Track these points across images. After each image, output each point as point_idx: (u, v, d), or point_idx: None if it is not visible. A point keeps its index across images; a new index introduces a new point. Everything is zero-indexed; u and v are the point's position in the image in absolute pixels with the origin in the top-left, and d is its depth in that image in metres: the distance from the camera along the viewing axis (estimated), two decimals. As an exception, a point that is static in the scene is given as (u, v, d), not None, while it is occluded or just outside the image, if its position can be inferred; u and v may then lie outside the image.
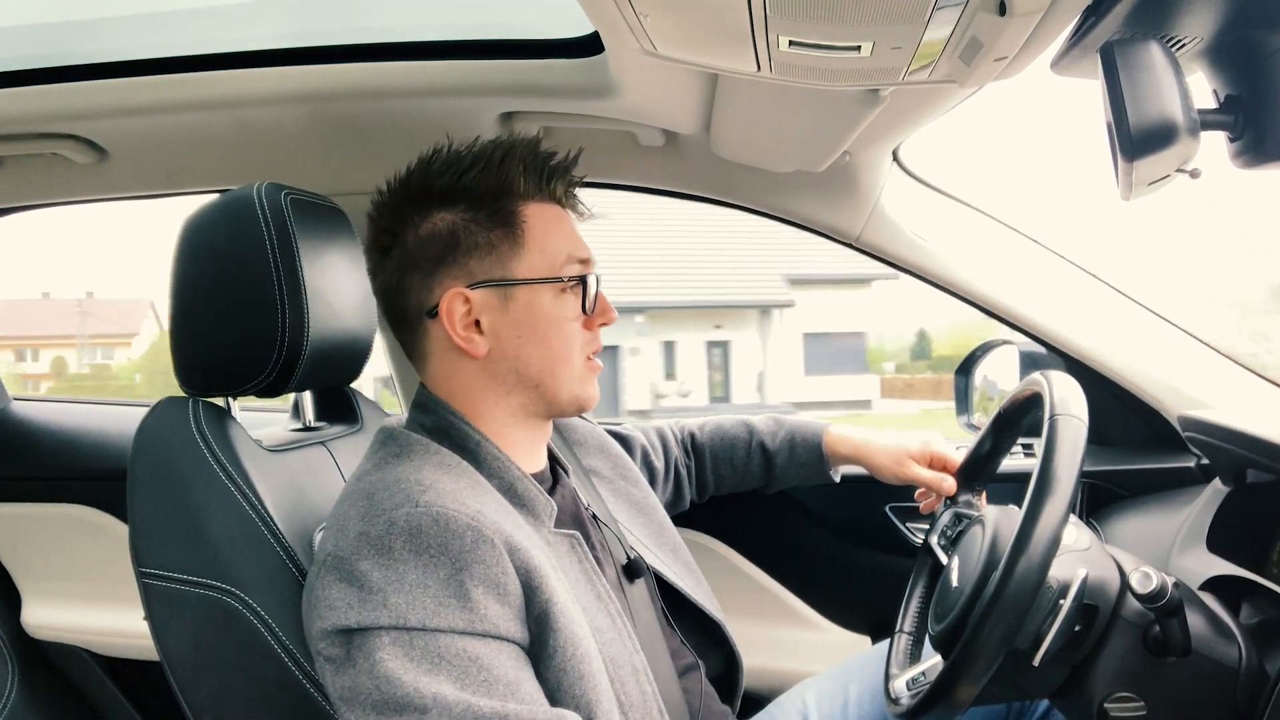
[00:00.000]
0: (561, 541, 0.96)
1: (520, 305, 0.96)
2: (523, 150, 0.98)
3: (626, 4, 0.79)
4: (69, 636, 1.79)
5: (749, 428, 1.39)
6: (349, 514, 0.87)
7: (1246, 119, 0.75)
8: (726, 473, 1.40)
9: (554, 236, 0.98)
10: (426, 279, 0.97)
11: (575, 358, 0.99)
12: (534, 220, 0.97)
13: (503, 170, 0.97)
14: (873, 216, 1.48)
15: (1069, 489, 0.85)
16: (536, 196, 0.98)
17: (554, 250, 0.98)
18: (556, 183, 1.00)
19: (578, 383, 0.99)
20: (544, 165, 0.99)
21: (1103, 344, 1.46)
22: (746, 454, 1.38)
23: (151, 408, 1.04)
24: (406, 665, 0.79)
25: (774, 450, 1.37)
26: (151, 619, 0.99)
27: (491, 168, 0.97)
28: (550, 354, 0.97)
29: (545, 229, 0.98)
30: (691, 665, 1.09)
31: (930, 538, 1.15)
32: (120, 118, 1.33)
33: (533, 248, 0.97)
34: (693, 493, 1.41)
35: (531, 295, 0.96)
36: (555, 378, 0.98)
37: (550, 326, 0.97)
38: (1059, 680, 0.92)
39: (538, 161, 0.98)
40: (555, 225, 0.99)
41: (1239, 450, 1.17)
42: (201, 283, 1.05)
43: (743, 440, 1.39)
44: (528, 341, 0.97)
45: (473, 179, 0.96)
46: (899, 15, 0.73)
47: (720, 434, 1.41)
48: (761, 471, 1.38)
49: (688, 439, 1.41)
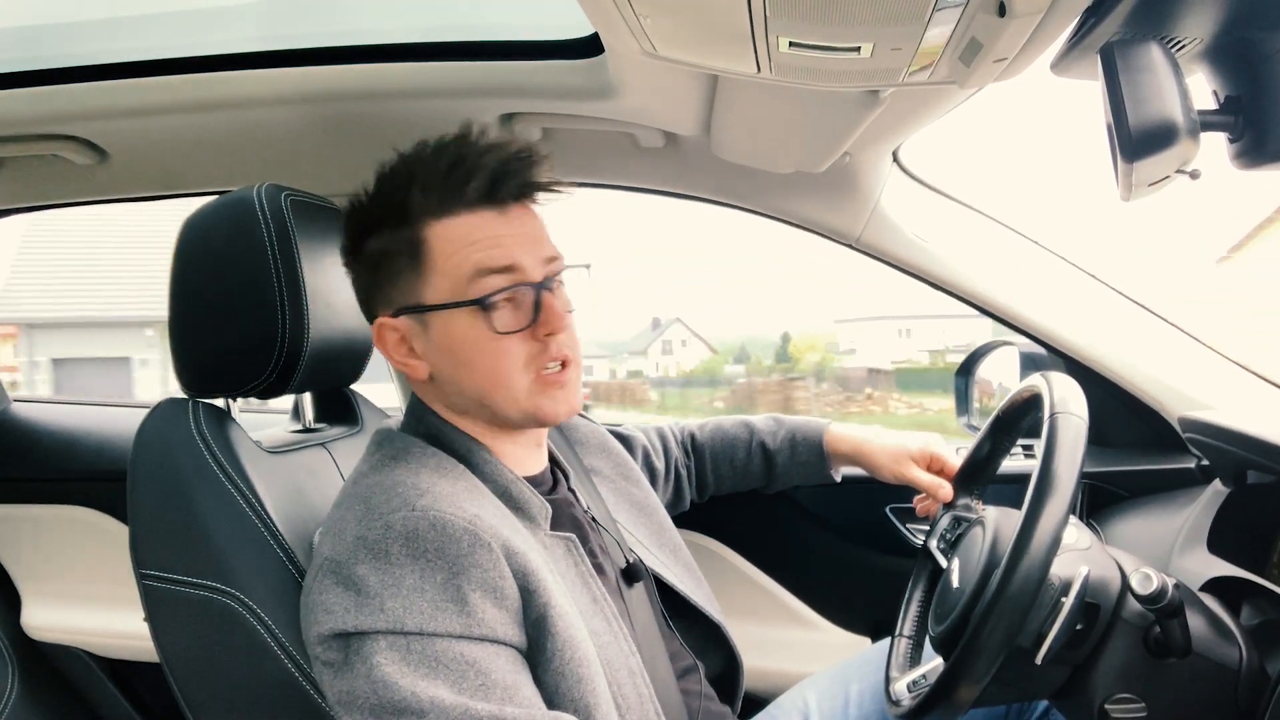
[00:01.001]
0: (558, 544, 0.96)
1: (438, 331, 0.92)
2: (424, 165, 0.91)
3: (626, 5, 0.79)
4: (69, 638, 1.79)
5: (749, 427, 1.39)
6: (346, 517, 0.87)
7: (1246, 120, 0.75)
8: (727, 473, 1.40)
9: (458, 254, 0.90)
10: (368, 304, 0.98)
11: (512, 376, 0.92)
12: (436, 241, 0.91)
13: (398, 192, 0.92)
14: (873, 218, 1.48)
15: (1070, 487, 0.85)
16: (443, 212, 0.91)
17: (459, 269, 0.90)
18: (469, 187, 0.91)
19: (526, 398, 0.93)
20: (449, 175, 0.90)
21: (1103, 345, 1.46)
22: (747, 454, 1.38)
23: (151, 409, 1.04)
24: (403, 670, 0.79)
25: (775, 449, 1.37)
26: (151, 620, 0.99)
27: (396, 190, 0.92)
28: (480, 377, 0.92)
29: (449, 247, 0.91)
30: (690, 667, 1.09)
31: (929, 541, 1.15)
32: (120, 119, 1.33)
33: (435, 271, 0.91)
34: (693, 493, 1.41)
35: (445, 320, 0.92)
36: (495, 398, 0.93)
37: (472, 350, 0.91)
38: (1060, 681, 0.92)
39: (442, 173, 0.91)
40: (462, 240, 0.91)
41: (1239, 451, 1.17)
42: (201, 284, 1.05)
43: (743, 440, 1.39)
44: (456, 366, 0.93)
45: (383, 204, 0.93)
46: (899, 16, 0.73)
47: (720, 434, 1.40)
48: (762, 471, 1.38)
49: (688, 439, 1.41)
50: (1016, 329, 1.50)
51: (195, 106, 1.31)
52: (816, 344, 20.66)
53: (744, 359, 22.95)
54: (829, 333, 23.16)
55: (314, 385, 1.16)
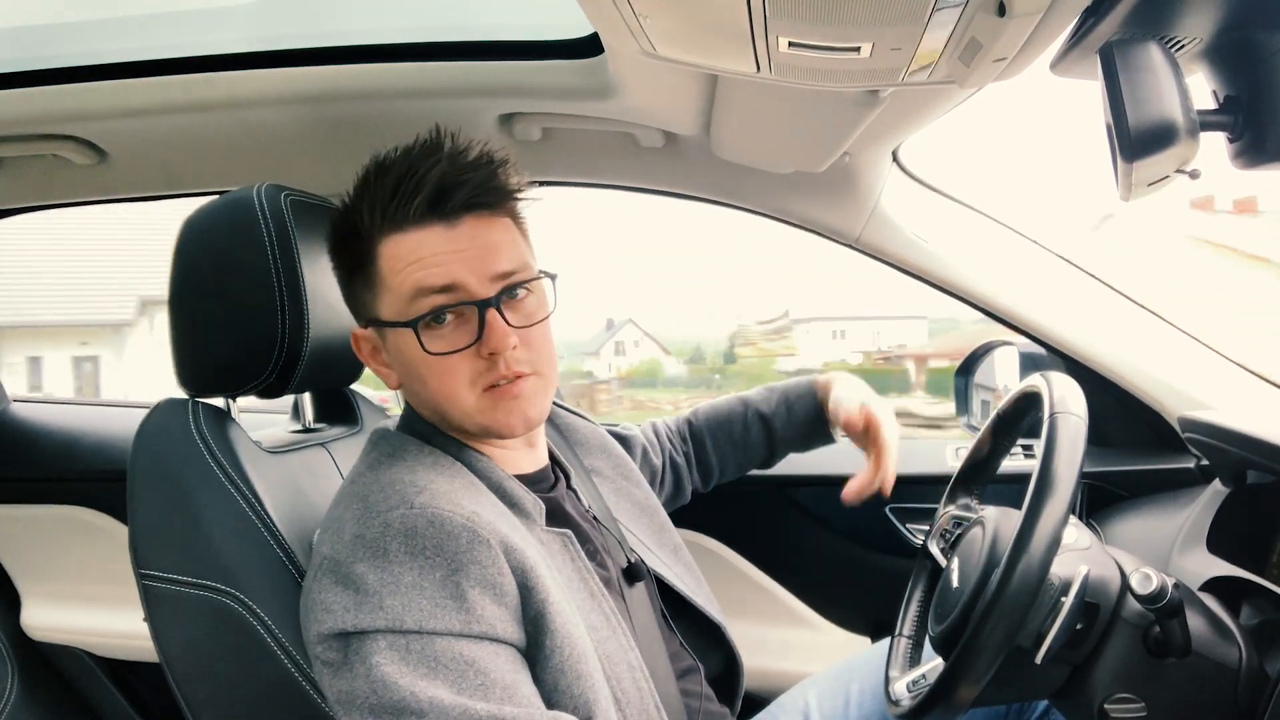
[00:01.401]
0: (554, 540, 0.96)
1: (392, 346, 0.94)
2: (371, 184, 0.90)
3: (626, 5, 0.79)
4: (68, 638, 1.79)
5: (743, 400, 1.39)
6: (344, 516, 0.87)
7: (1246, 119, 0.75)
8: (728, 450, 1.38)
9: (400, 273, 0.90)
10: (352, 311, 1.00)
11: (460, 392, 0.91)
12: (385, 259, 0.91)
13: (354, 211, 0.91)
14: (872, 218, 1.48)
15: (1070, 486, 0.85)
16: (390, 230, 0.90)
17: (400, 288, 0.90)
18: (413, 205, 0.88)
19: (478, 413, 0.92)
20: (396, 193, 0.89)
21: (1103, 345, 1.46)
22: (744, 425, 1.36)
23: (151, 409, 1.04)
24: (403, 669, 0.79)
25: (771, 414, 1.35)
26: (151, 620, 0.99)
27: (350, 209, 0.92)
28: (432, 392, 0.92)
29: (395, 265, 0.90)
30: (691, 667, 1.09)
31: (929, 541, 1.15)
32: (120, 119, 1.33)
33: (386, 288, 0.91)
34: (696, 480, 1.39)
35: (395, 337, 0.93)
36: (448, 412, 0.93)
37: (420, 366, 0.91)
38: (1059, 681, 0.92)
39: (388, 192, 0.89)
40: (404, 259, 0.90)
41: (1239, 451, 1.17)
42: (201, 284, 1.05)
43: (738, 413, 1.37)
44: (410, 380, 0.94)
45: (340, 220, 0.94)
46: (898, 16, 0.73)
47: (714, 412, 1.40)
48: (762, 439, 1.36)
49: (684, 426, 1.41)
50: (1016, 329, 1.50)
51: (195, 106, 1.31)
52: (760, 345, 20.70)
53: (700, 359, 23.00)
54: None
55: (314, 385, 1.16)
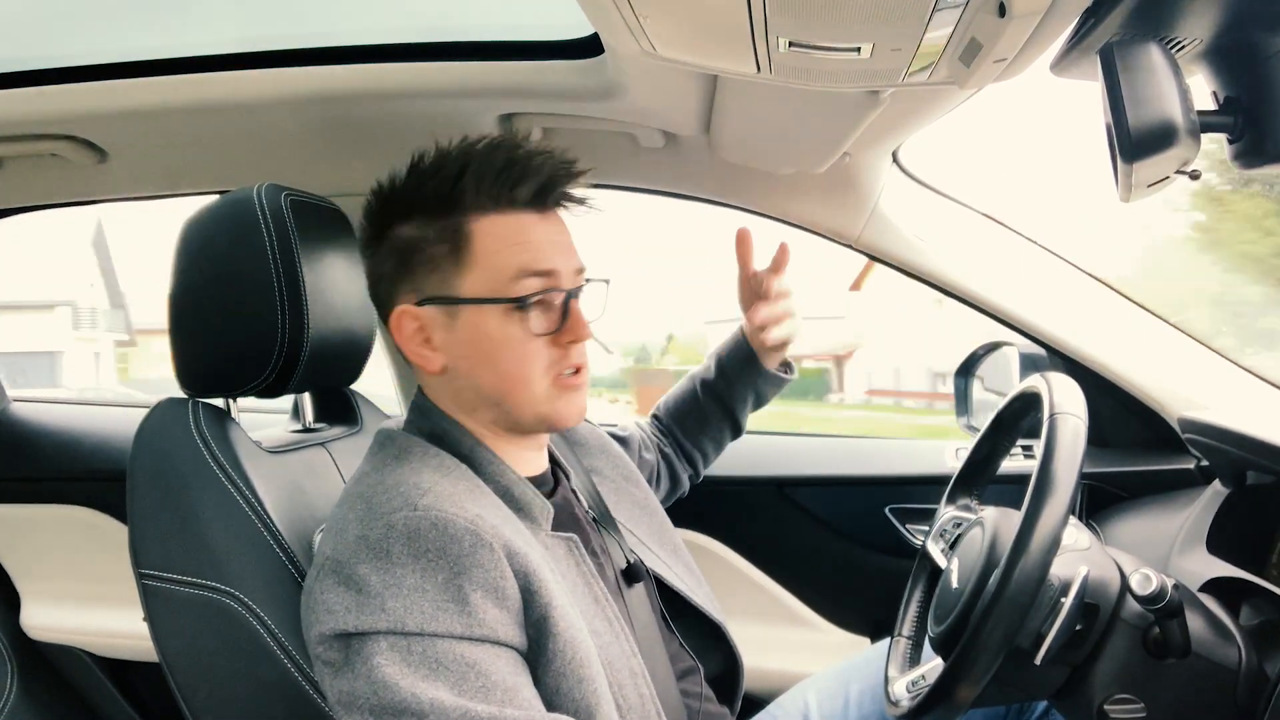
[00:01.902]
0: (559, 544, 0.96)
1: (466, 325, 0.93)
2: (478, 160, 0.92)
3: (626, 5, 0.79)
4: (68, 638, 1.79)
5: (690, 377, 1.41)
6: (348, 517, 0.87)
7: (1246, 120, 0.75)
8: (696, 431, 1.40)
9: (503, 252, 0.92)
10: (390, 292, 0.96)
11: (533, 379, 0.93)
12: (483, 235, 0.92)
13: (449, 184, 0.92)
14: (872, 218, 1.48)
15: (1069, 487, 0.85)
16: (491, 209, 0.92)
17: (502, 267, 0.92)
18: (520, 189, 0.92)
19: (543, 402, 0.94)
20: (503, 174, 0.92)
21: (1103, 346, 1.46)
22: (696, 401, 1.38)
23: (151, 409, 1.04)
24: (404, 670, 0.79)
25: (714, 379, 1.37)
26: (151, 620, 0.99)
27: (444, 180, 0.92)
28: (501, 376, 0.93)
29: (495, 244, 0.92)
30: (691, 668, 1.09)
31: (928, 541, 1.15)
32: (120, 119, 1.33)
33: (479, 265, 0.92)
34: (686, 469, 1.41)
35: (477, 315, 0.92)
36: (512, 399, 0.94)
37: (498, 348, 0.92)
38: (1059, 681, 0.92)
39: (497, 169, 0.92)
40: (509, 238, 0.92)
41: (1239, 452, 1.17)
42: (201, 284, 1.05)
43: (689, 392, 1.40)
44: (477, 362, 0.93)
45: (428, 191, 0.93)
46: (898, 17, 0.73)
47: (672, 400, 1.42)
48: (715, 407, 1.38)
49: (654, 420, 1.43)
50: (1016, 329, 1.50)
51: (195, 106, 1.31)
52: (683, 347, 20.69)
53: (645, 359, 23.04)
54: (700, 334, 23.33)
55: (313, 385, 1.16)
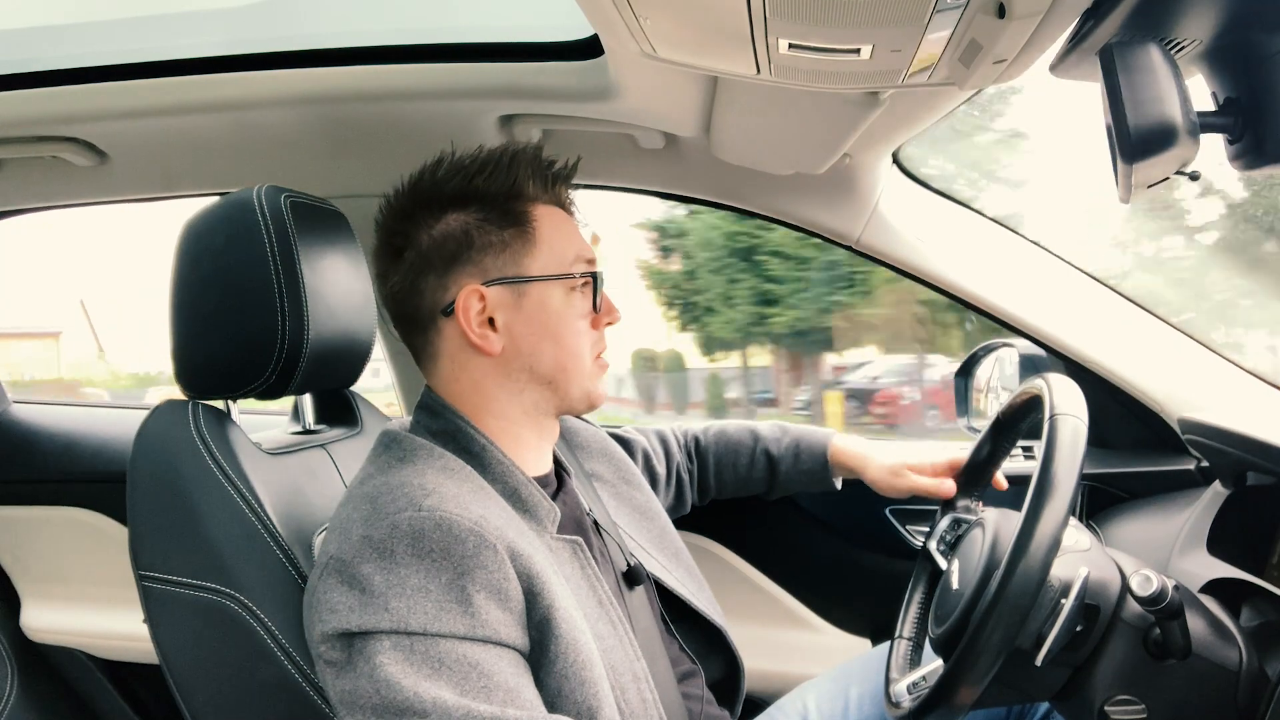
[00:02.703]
0: (564, 547, 0.96)
1: (534, 302, 0.98)
2: (529, 155, 1.01)
3: (626, 6, 0.79)
4: (68, 639, 1.79)
5: (754, 434, 1.40)
6: (352, 517, 0.87)
7: (1245, 121, 0.75)
8: (729, 478, 1.40)
9: (562, 237, 1.01)
10: (441, 278, 0.98)
11: (585, 355, 1.01)
12: (543, 221, 1.00)
13: (511, 173, 1.00)
14: (872, 219, 1.48)
15: (1070, 488, 0.85)
16: (543, 199, 1.01)
17: (563, 249, 1.00)
18: (560, 187, 1.03)
19: (588, 379, 1.01)
20: (549, 170, 1.02)
21: (1103, 347, 1.46)
22: (750, 460, 1.38)
23: (151, 411, 1.04)
24: (406, 670, 0.79)
25: (779, 456, 1.37)
26: (151, 622, 0.99)
27: (501, 171, 1.00)
28: (563, 350, 0.99)
29: (554, 229, 1.01)
30: (691, 671, 1.09)
31: (929, 543, 1.15)
32: (120, 120, 1.33)
33: (544, 246, 0.99)
34: (695, 496, 1.41)
35: (544, 292, 0.99)
36: (568, 374, 1.00)
37: (562, 323, 0.99)
38: (1059, 682, 0.92)
39: (543, 166, 1.02)
40: (563, 226, 1.02)
41: (1239, 453, 1.17)
42: (201, 285, 1.05)
43: (747, 446, 1.39)
44: (541, 338, 0.98)
45: (483, 181, 0.99)
46: (898, 18, 0.73)
47: (725, 439, 1.41)
48: (765, 477, 1.39)
49: (691, 443, 1.42)
50: (1016, 330, 1.50)
51: (195, 107, 1.31)
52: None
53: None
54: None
55: (314, 387, 1.16)
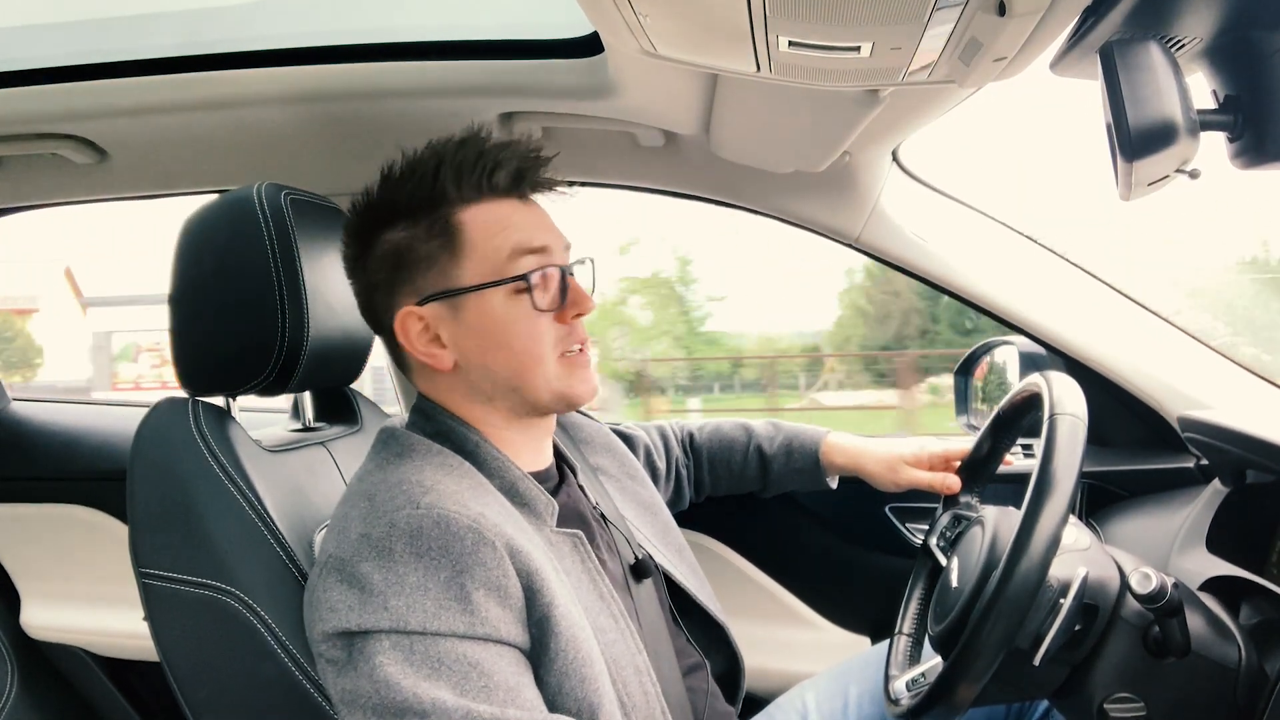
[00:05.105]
0: (564, 541, 0.96)
1: (473, 313, 0.94)
2: (453, 154, 0.94)
3: (626, 4, 0.79)
4: (68, 637, 1.79)
5: (747, 430, 1.40)
6: (350, 515, 0.87)
7: (1246, 119, 0.75)
8: (723, 474, 1.40)
9: (495, 236, 0.94)
10: (387, 298, 0.97)
11: (546, 355, 0.94)
12: (471, 224, 0.94)
13: (433, 179, 0.94)
14: (872, 217, 1.48)
15: (1069, 487, 0.85)
16: (475, 198, 0.94)
17: (496, 249, 0.93)
18: (497, 176, 0.94)
19: (557, 380, 0.95)
20: (480, 163, 0.94)
21: (1102, 344, 1.46)
22: (743, 458, 1.38)
23: (151, 408, 1.04)
24: (406, 670, 0.79)
25: (771, 455, 1.37)
26: (151, 619, 0.99)
27: (424, 179, 0.94)
28: (515, 357, 0.94)
29: (485, 230, 0.94)
30: (697, 664, 1.09)
31: (929, 539, 1.15)
32: (120, 118, 1.33)
33: (472, 253, 0.93)
34: (691, 492, 1.42)
35: (480, 301, 0.93)
36: (528, 379, 0.95)
37: (507, 329, 0.93)
38: (1059, 680, 0.92)
39: (471, 161, 0.94)
40: (498, 223, 0.94)
41: (1238, 451, 1.17)
42: (201, 283, 1.05)
43: (740, 443, 1.39)
44: (489, 348, 0.94)
45: (406, 194, 0.95)
46: (898, 16, 0.73)
47: (718, 436, 1.41)
48: (757, 475, 1.39)
49: (686, 439, 1.42)
50: (1016, 328, 1.50)
51: (195, 106, 1.31)
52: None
53: None
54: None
55: (314, 384, 1.16)
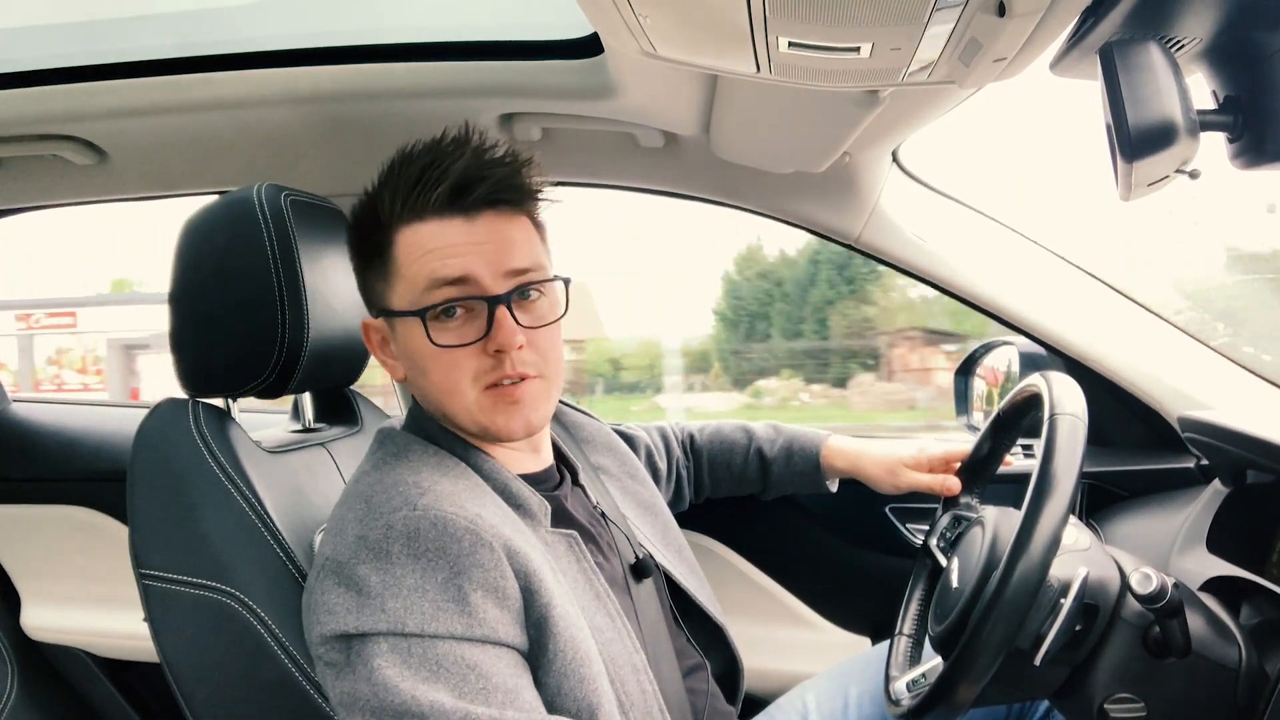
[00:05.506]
0: (559, 541, 0.96)
1: (401, 335, 0.94)
2: (394, 172, 0.91)
3: (626, 5, 0.79)
4: (68, 638, 1.79)
5: (748, 433, 1.40)
6: (347, 517, 0.87)
7: (1245, 119, 0.75)
8: (723, 476, 1.40)
9: (416, 262, 0.90)
10: (364, 301, 1.00)
11: (463, 388, 0.91)
12: (402, 247, 0.91)
13: (374, 199, 0.93)
14: (872, 218, 1.48)
15: (1069, 487, 0.85)
16: (411, 219, 0.91)
17: (415, 277, 0.90)
18: (434, 194, 0.89)
19: (480, 412, 0.91)
20: (418, 182, 0.90)
21: (1103, 345, 1.46)
22: (744, 460, 1.38)
23: (151, 409, 1.04)
24: (404, 673, 0.79)
25: (771, 458, 1.37)
26: (151, 620, 0.99)
27: (370, 196, 0.93)
28: (433, 385, 0.92)
29: (411, 255, 0.91)
30: (697, 665, 1.09)
31: (929, 540, 1.15)
32: (120, 119, 1.33)
33: (401, 277, 0.91)
34: (691, 494, 1.42)
35: (404, 326, 0.92)
36: (449, 408, 0.93)
37: (424, 358, 0.91)
38: (1059, 681, 0.92)
39: (409, 181, 0.90)
40: (421, 248, 0.90)
41: (1239, 451, 1.17)
42: (201, 284, 1.05)
43: (740, 446, 1.39)
44: (415, 372, 0.94)
45: (361, 209, 0.95)
46: (898, 16, 0.73)
47: (719, 438, 1.41)
48: (758, 478, 1.39)
49: (687, 440, 1.42)
50: (1016, 329, 1.50)
51: (195, 106, 1.31)
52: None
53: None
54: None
55: (314, 385, 1.16)
